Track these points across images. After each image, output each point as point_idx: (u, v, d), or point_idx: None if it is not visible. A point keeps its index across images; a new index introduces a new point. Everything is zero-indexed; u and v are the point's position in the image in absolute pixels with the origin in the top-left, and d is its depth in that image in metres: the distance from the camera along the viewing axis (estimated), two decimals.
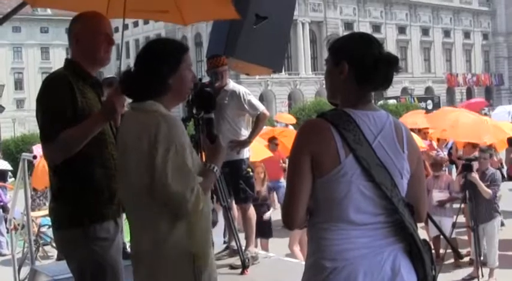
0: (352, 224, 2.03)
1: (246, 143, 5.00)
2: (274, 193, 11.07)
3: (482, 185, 7.40)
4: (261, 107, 5.02)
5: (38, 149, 10.45)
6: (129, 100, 2.50)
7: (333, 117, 2.07)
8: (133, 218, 2.42)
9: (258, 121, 5.03)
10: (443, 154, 11.37)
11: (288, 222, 2.11)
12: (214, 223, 5.77)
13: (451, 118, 10.19)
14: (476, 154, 8.05)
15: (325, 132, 2.04)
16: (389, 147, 2.08)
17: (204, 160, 2.81)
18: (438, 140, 11.81)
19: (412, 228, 2.06)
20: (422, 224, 6.55)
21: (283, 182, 10.50)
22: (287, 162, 2.81)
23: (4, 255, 10.79)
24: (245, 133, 5.06)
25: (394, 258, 2.04)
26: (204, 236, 2.36)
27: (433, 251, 2.57)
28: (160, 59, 2.36)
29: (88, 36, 2.80)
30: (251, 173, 5.11)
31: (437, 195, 8.30)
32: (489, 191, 7.43)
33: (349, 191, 2.01)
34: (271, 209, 8.61)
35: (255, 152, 8.23)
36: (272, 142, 11.03)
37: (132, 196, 2.36)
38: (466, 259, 7.90)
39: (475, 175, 7.36)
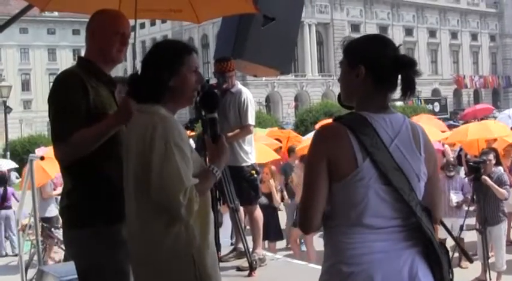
0: (369, 228, 2.02)
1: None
2: None
3: (495, 187, 7.31)
4: (249, 121, 4.96)
5: (39, 152, 10.43)
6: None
7: (349, 122, 2.07)
8: (131, 218, 2.40)
9: (241, 130, 4.95)
10: (453, 156, 11.35)
11: (305, 226, 2.11)
12: (219, 224, 5.76)
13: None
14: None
15: (342, 137, 2.03)
16: (406, 150, 2.07)
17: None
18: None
19: (430, 232, 2.04)
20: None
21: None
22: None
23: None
24: (247, 137, 5.04)
25: (411, 262, 2.02)
26: (203, 237, 2.33)
27: None
28: (160, 62, 2.37)
29: (103, 34, 2.77)
30: (255, 176, 5.08)
31: (455, 197, 8.22)
32: (504, 191, 7.35)
33: (367, 195, 2.00)
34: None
35: (261, 154, 8.18)
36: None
37: (131, 197, 2.36)
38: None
39: (486, 177, 7.25)
